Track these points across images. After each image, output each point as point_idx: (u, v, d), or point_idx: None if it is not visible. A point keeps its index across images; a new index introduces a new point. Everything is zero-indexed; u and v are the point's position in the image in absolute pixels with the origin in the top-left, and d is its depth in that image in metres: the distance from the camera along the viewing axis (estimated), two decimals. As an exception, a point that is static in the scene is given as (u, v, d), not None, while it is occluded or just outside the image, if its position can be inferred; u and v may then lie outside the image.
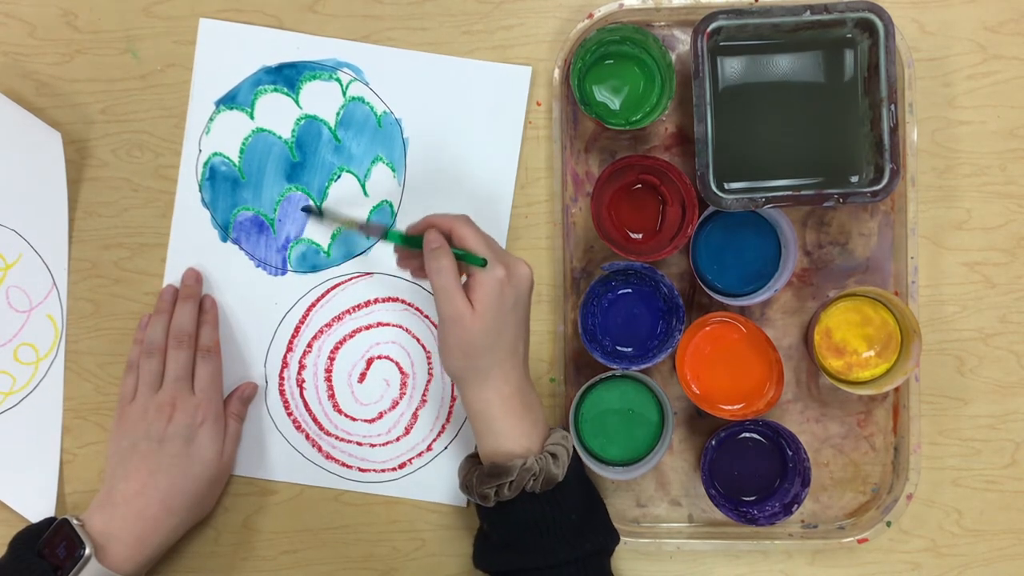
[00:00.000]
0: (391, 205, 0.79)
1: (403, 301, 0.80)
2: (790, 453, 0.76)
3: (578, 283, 0.79)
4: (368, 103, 0.79)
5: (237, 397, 0.78)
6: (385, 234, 0.73)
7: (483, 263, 0.66)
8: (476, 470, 0.68)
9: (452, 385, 0.80)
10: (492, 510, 0.67)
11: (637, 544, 0.77)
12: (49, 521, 0.71)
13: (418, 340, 0.80)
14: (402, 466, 0.80)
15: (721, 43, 0.75)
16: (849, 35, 0.75)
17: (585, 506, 0.69)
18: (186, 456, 0.73)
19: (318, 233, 0.79)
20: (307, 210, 0.78)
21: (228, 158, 0.80)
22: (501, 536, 0.68)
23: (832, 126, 0.76)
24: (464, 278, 0.68)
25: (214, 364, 0.77)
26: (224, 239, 0.80)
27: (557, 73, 0.77)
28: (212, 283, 0.80)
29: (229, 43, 0.79)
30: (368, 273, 0.80)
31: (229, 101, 0.80)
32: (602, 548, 0.69)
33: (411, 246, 0.70)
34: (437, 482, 0.79)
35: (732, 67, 0.76)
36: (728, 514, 0.74)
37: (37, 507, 0.79)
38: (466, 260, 0.67)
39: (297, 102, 0.80)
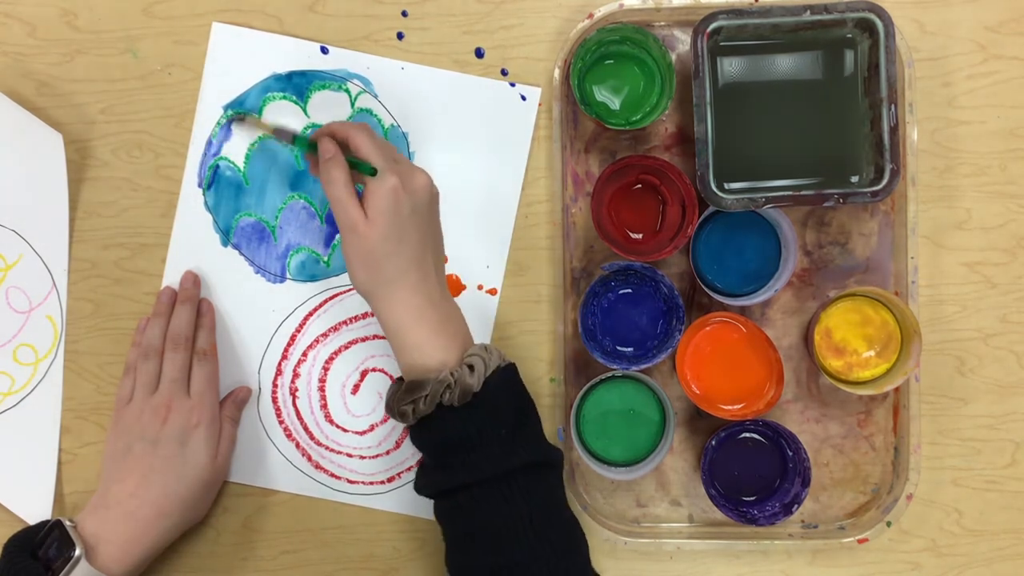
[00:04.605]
0: None
1: None
2: (790, 453, 0.76)
3: (578, 283, 0.79)
4: (376, 115, 0.79)
5: (231, 400, 0.78)
6: (294, 139, 0.72)
7: (372, 171, 0.66)
8: (397, 389, 0.67)
9: None
10: (416, 430, 0.66)
11: (637, 544, 0.77)
12: (44, 523, 0.71)
13: None
14: (391, 479, 0.79)
15: (721, 43, 0.75)
16: (849, 35, 0.75)
17: (516, 419, 0.66)
18: (180, 458, 0.73)
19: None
20: (234, 119, 0.78)
21: (233, 163, 0.80)
22: (431, 457, 0.67)
23: (832, 126, 0.76)
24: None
25: (210, 367, 0.77)
26: (225, 244, 0.80)
27: (557, 73, 0.77)
28: (211, 287, 0.80)
29: (240, 48, 0.79)
30: None
31: (237, 106, 0.79)
32: (535, 461, 0.65)
33: (315, 152, 0.69)
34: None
35: (732, 67, 0.76)
36: (728, 514, 0.75)
37: (34, 509, 0.79)
38: (358, 169, 0.67)
39: (305, 111, 0.80)
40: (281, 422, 0.80)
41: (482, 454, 0.64)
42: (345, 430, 0.80)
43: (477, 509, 0.64)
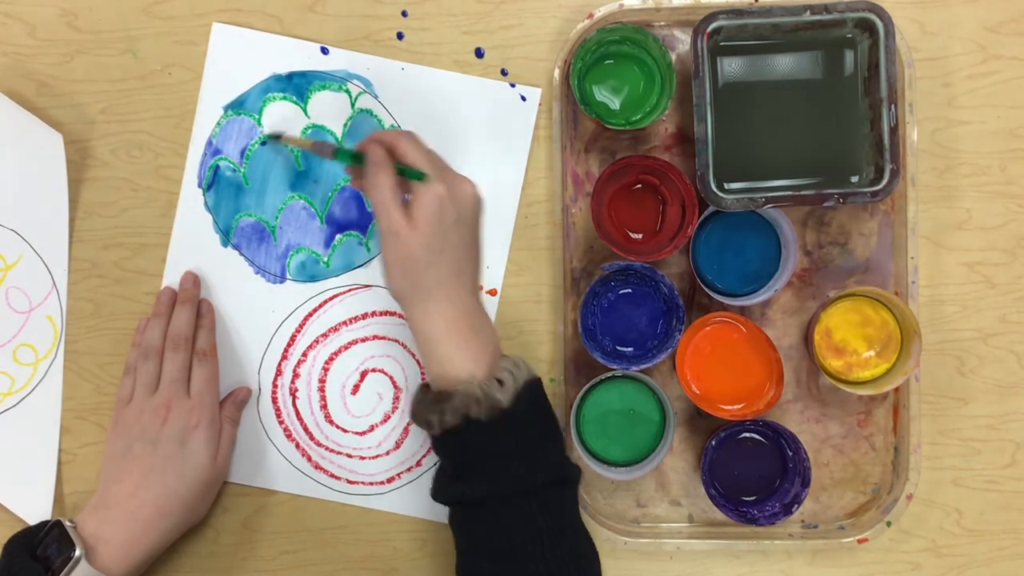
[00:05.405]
0: None
1: (400, 315, 0.79)
2: (790, 453, 0.76)
3: (578, 283, 0.79)
4: (376, 116, 0.79)
5: (231, 401, 0.78)
6: (335, 153, 0.71)
7: (421, 177, 0.66)
8: (423, 397, 0.67)
9: None
10: (440, 439, 0.66)
11: (637, 544, 0.77)
12: (44, 523, 0.71)
13: (413, 355, 0.79)
14: (391, 480, 0.79)
15: (721, 43, 0.75)
16: (849, 35, 0.75)
17: (540, 435, 0.66)
18: (180, 458, 0.73)
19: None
20: (270, 137, 0.79)
21: (233, 163, 0.80)
22: (453, 466, 0.66)
23: (832, 126, 0.76)
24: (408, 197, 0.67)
25: (210, 368, 0.77)
26: (225, 244, 0.80)
27: (557, 73, 0.77)
28: (211, 288, 0.80)
29: (240, 48, 0.79)
30: (367, 286, 0.79)
31: (237, 107, 0.79)
32: (557, 479, 0.65)
33: (360, 164, 0.68)
34: (425, 497, 0.78)
35: (732, 67, 0.76)
36: (728, 514, 0.75)
37: (34, 509, 0.79)
38: (406, 175, 0.66)
39: (305, 111, 0.80)
40: (281, 422, 0.80)
41: (505, 469, 0.64)
42: (345, 430, 0.80)
43: (496, 523, 0.64)
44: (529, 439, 0.65)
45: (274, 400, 0.80)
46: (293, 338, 0.80)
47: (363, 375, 0.80)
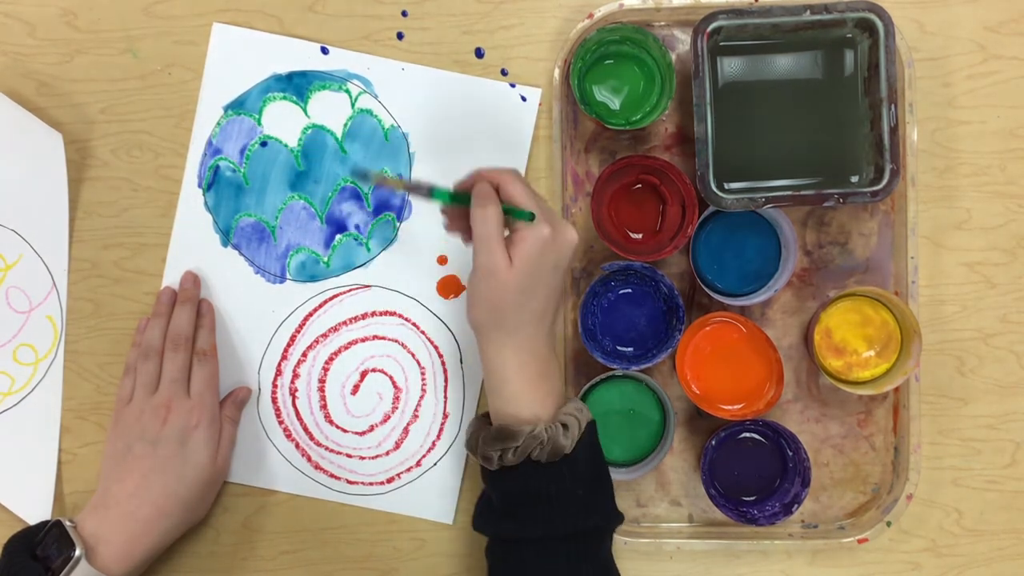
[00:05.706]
0: (394, 218, 0.79)
1: (400, 316, 0.79)
2: (790, 453, 0.76)
3: (578, 283, 0.79)
4: (376, 116, 0.79)
5: (231, 401, 0.78)
6: (431, 192, 0.68)
7: (530, 217, 0.64)
8: (483, 430, 0.67)
9: (444, 402, 0.79)
10: (495, 474, 0.66)
11: (637, 544, 0.77)
12: (44, 523, 0.71)
13: (413, 355, 0.80)
14: (390, 480, 0.79)
15: (721, 43, 0.75)
16: (849, 35, 0.75)
17: (593, 482, 0.67)
18: (180, 458, 0.73)
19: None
20: (357, 174, 0.78)
21: (233, 163, 0.80)
22: (502, 501, 0.66)
23: (832, 126, 0.76)
24: (507, 233, 0.66)
25: (210, 367, 0.77)
26: (225, 244, 0.80)
27: (557, 73, 0.77)
28: (211, 288, 0.80)
29: (240, 49, 0.79)
30: (367, 286, 0.79)
31: (237, 107, 0.79)
32: (605, 527, 0.67)
33: (459, 203, 0.67)
34: (425, 498, 0.79)
35: (732, 67, 0.76)
36: (728, 514, 0.75)
37: (34, 509, 0.79)
38: (513, 215, 0.65)
39: (305, 111, 0.80)
40: (281, 422, 0.80)
41: (558, 511, 0.64)
42: (345, 430, 0.80)
43: (541, 563, 0.65)
44: (584, 484, 0.65)
45: (274, 400, 0.80)
46: (293, 338, 0.80)
47: (363, 375, 0.80)
